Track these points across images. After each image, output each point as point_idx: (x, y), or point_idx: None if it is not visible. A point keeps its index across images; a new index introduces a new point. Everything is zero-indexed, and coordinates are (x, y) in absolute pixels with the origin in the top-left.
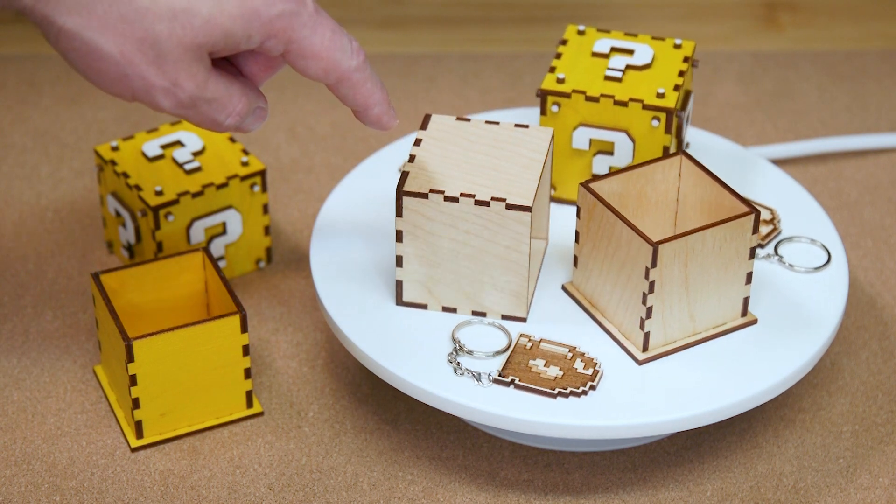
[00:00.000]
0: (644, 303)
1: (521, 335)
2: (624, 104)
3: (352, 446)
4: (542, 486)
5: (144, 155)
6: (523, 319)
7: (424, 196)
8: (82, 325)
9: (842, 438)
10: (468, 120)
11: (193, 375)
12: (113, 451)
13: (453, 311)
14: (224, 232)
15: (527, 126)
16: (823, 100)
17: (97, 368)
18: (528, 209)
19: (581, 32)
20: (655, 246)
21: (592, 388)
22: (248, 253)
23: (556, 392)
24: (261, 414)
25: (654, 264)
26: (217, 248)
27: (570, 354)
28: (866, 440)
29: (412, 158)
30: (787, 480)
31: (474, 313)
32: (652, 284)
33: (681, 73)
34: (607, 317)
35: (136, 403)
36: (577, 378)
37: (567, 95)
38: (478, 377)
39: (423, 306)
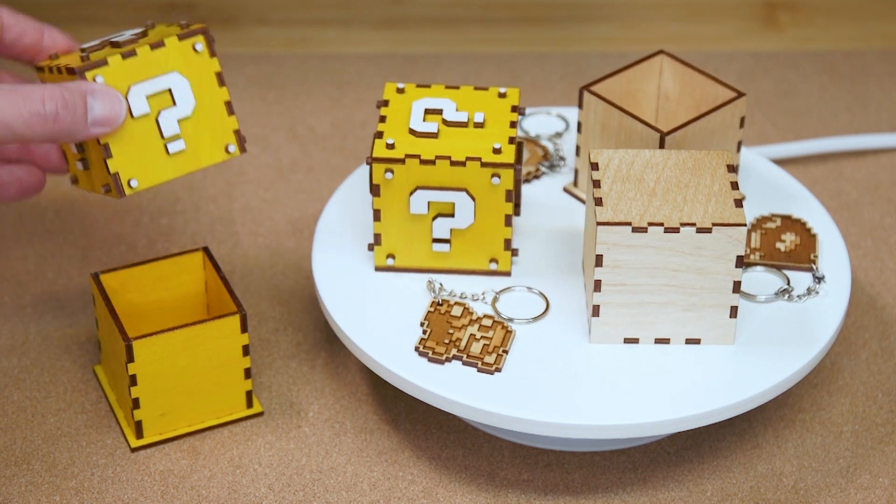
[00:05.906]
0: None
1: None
2: (521, 143)
3: (352, 446)
4: (542, 486)
5: None
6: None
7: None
8: (82, 325)
9: (842, 438)
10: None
11: (193, 375)
12: (113, 451)
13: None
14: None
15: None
16: (823, 100)
17: (97, 368)
18: None
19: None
20: (742, 94)
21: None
22: None
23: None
24: (261, 414)
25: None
26: None
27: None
28: (866, 440)
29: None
30: (787, 480)
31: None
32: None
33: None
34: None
35: (136, 403)
36: (806, 246)
37: (505, 165)
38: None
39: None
